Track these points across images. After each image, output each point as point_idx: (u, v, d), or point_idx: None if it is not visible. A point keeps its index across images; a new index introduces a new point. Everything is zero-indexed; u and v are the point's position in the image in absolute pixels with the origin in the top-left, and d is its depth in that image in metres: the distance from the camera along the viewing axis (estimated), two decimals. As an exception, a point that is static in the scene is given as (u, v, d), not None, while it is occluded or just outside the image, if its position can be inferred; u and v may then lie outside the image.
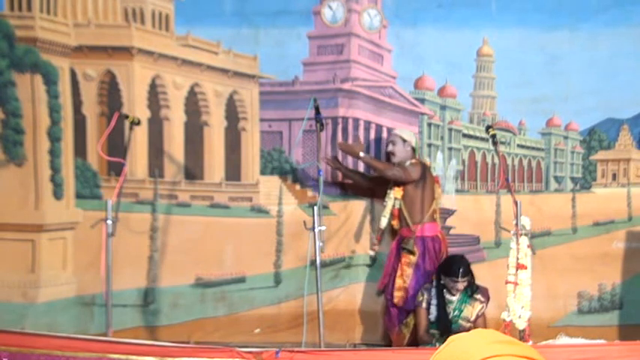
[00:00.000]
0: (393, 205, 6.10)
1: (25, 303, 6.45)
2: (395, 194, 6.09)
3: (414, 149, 6.20)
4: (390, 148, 6.14)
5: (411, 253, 5.97)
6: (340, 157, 6.52)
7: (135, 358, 4.68)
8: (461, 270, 5.45)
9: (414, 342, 5.80)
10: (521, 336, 5.26)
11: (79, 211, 6.59)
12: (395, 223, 6.14)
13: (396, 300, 5.98)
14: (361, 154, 6.07)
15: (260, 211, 6.83)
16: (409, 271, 5.95)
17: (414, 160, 6.12)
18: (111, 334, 5.42)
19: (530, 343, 5.15)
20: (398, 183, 6.07)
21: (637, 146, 6.88)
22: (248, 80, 6.87)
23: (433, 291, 5.64)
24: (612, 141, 6.93)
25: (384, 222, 6.18)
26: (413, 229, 6.00)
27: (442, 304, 5.58)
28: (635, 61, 6.63)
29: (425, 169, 6.10)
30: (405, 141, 6.11)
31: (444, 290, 5.61)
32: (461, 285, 5.50)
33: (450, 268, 5.50)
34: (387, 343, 6.26)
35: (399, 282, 5.98)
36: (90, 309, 6.45)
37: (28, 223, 6.51)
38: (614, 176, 6.92)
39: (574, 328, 6.41)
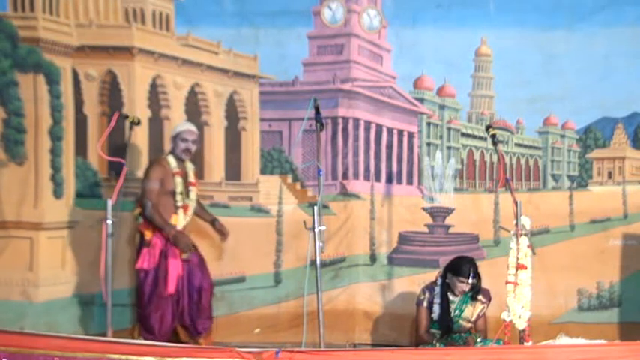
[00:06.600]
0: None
1: (24, 301, 6.36)
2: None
3: None
4: (194, 147, 5.84)
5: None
6: None
7: (134, 358, 4.51)
8: (471, 271, 5.25)
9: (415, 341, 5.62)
10: (521, 336, 5.07)
11: (79, 210, 6.48)
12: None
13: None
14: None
15: (260, 210, 6.77)
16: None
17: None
18: (111, 334, 5.26)
19: (530, 342, 5.00)
20: None
21: (631, 145, 6.79)
22: (248, 80, 6.82)
23: (436, 289, 5.43)
24: (607, 140, 6.87)
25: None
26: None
27: (445, 304, 5.37)
28: (629, 61, 6.58)
29: None
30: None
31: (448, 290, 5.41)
32: (467, 287, 5.29)
33: (460, 268, 5.29)
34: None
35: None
36: (89, 308, 6.34)
37: (27, 221, 6.40)
38: (610, 174, 6.85)
39: (574, 325, 6.36)
